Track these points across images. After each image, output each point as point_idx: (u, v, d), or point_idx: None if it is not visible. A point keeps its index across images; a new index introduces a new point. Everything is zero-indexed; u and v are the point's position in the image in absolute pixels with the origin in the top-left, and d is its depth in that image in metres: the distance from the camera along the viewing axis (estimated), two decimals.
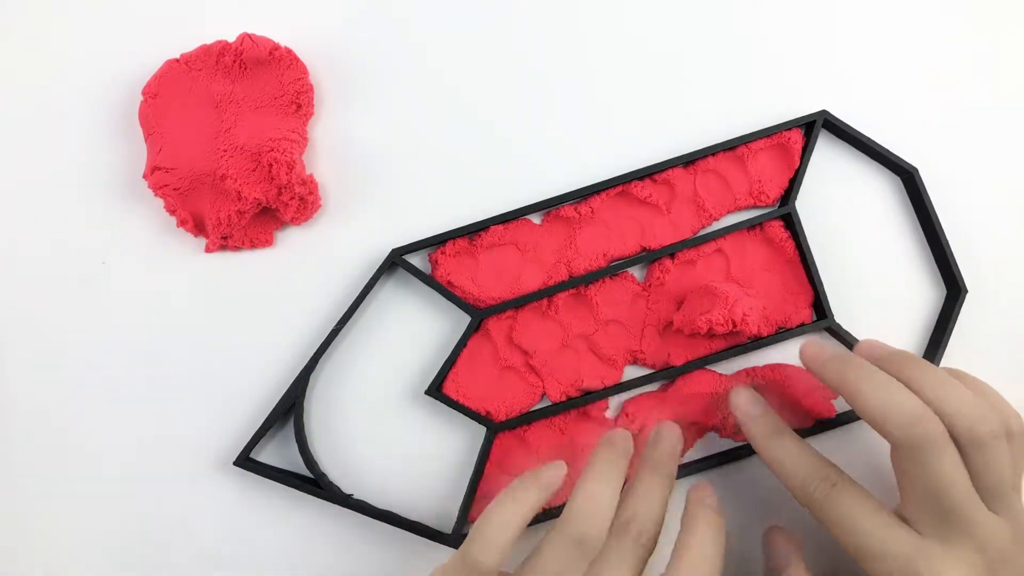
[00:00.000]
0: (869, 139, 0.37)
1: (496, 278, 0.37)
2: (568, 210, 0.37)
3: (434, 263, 0.37)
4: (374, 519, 0.35)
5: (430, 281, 0.36)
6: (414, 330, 0.37)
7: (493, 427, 0.36)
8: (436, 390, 0.36)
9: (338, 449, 0.37)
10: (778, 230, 0.37)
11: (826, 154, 0.38)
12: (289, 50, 0.37)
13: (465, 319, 0.37)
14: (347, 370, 0.37)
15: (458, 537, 0.35)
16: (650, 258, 0.37)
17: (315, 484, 0.36)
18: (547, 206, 0.37)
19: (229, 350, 0.37)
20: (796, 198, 0.37)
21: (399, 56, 0.39)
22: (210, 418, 0.37)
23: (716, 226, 0.38)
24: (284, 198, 0.36)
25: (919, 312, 0.38)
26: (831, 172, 0.38)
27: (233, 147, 0.36)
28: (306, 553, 0.37)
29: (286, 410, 0.36)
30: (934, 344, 0.37)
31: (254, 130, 0.36)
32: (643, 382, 0.36)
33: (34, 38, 0.39)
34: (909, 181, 0.38)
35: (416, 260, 0.37)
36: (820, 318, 0.37)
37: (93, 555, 0.37)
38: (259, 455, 0.37)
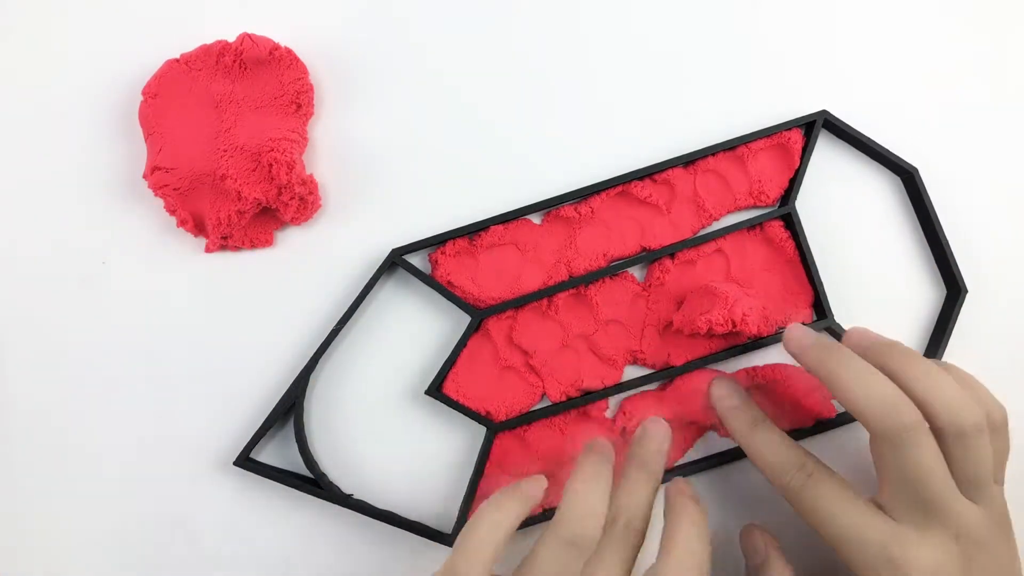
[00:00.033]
0: (869, 139, 0.37)
1: (496, 278, 0.37)
2: (568, 210, 0.37)
3: (434, 263, 0.37)
4: (374, 519, 0.35)
5: (430, 281, 0.36)
6: (414, 330, 0.37)
7: (493, 427, 0.36)
8: (436, 390, 0.36)
9: (338, 449, 0.37)
10: (778, 230, 0.37)
11: (826, 154, 0.38)
12: (289, 50, 0.37)
13: (465, 319, 0.37)
14: (347, 370, 0.37)
15: None
16: (650, 258, 0.37)
17: (315, 484, 0.36)
18: (547, 206, 0.37)
19: (229, 350, 0.37)
20: (796, 198, 0.37)
21: (399, 56, 0.39)
22: (210, 418, 0.37)
23: (716, 226, 0.38)
24: (284, 198, 0.36)
25: (919, 312, 0.38)
26: (831, 172, 0.38)
27: (233, 147, 0.36)
28: (306, 553, 0.37)
29: (286, 410, 0.36)
30: (934, 344, 0.37)
31: (254, 130, 0.36)
32: (643, 382, 0.36)
33: (34, 38, 0.39)
34: (909, 181, 0.38)
35: (416, 260, 0.37)
36: (820, 318, 0.37)
37: (93, 555, 0.37)
38: (259, 455, 0.37)
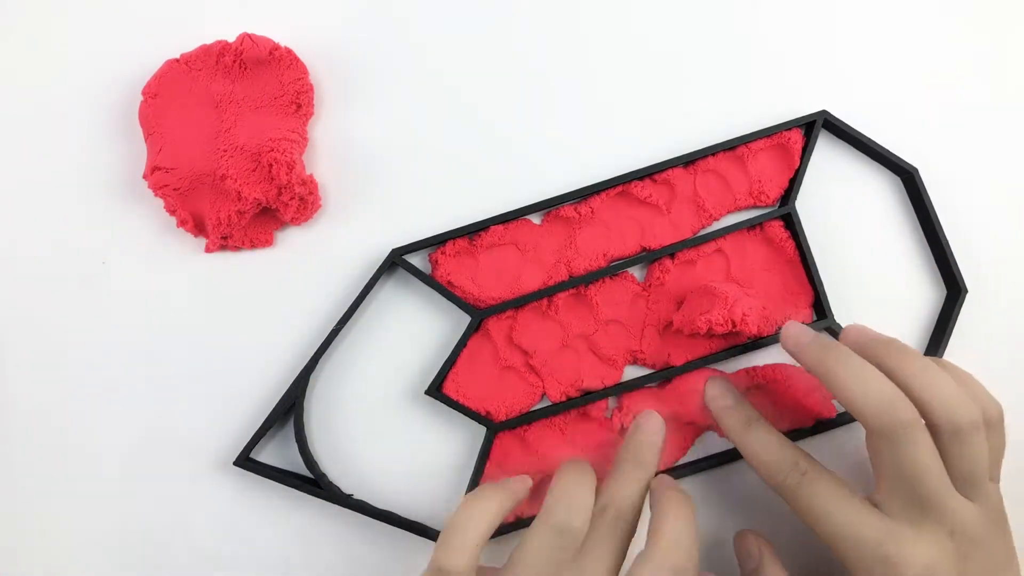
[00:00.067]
0: (869, 139, 0.37)
1: (496, 278, 0.37)
2: (568, 210, 0.37)
3: (434, 263, 0.37)
4: (374, 519, 0.35)
5: (430, 281, 0.36)
6: (414, 330, 0.37)
7: (493, 427, 0.36)
8: (436, 390, 0.36)
9: (338, 449, 0.37)
10: (778, 230, 0.37)
11: (826, 154, 0.38)
12: (289, 50, 0.37)
13: (465, 319, 0.37)
14: (347, 370, 0.37)
15: None
16: (650, 258, 0.37)
17: (315, 484, 0.36)
18: (547, 206, 0.37)
19: (229, 350, 0.37)
20: (796, 198, 0.37)
21: (399, 56, 0.39)
22: (210, 418, 0.37)
23: (716, 226, 0.38)
24: (284, 198, 0.36)
25: (919, 312, 0.38)
26: (831, 172, 0.38)
27: (233, 147, 0.36)
28: (306, 553, 0.37)
29: (286, 410, 0.36)
30: (934, 344, 0.37)
31: (254, 130, 0.36)
32: (643, 382, 0.36)
33: (34, 38, 0.39)
34: (909, 181, 0.38)
35: (416, 260, 0.37)
36: (820, 318, 0.37)
37: (93, 555, 0.37)
38: (259, 455, 0.37)
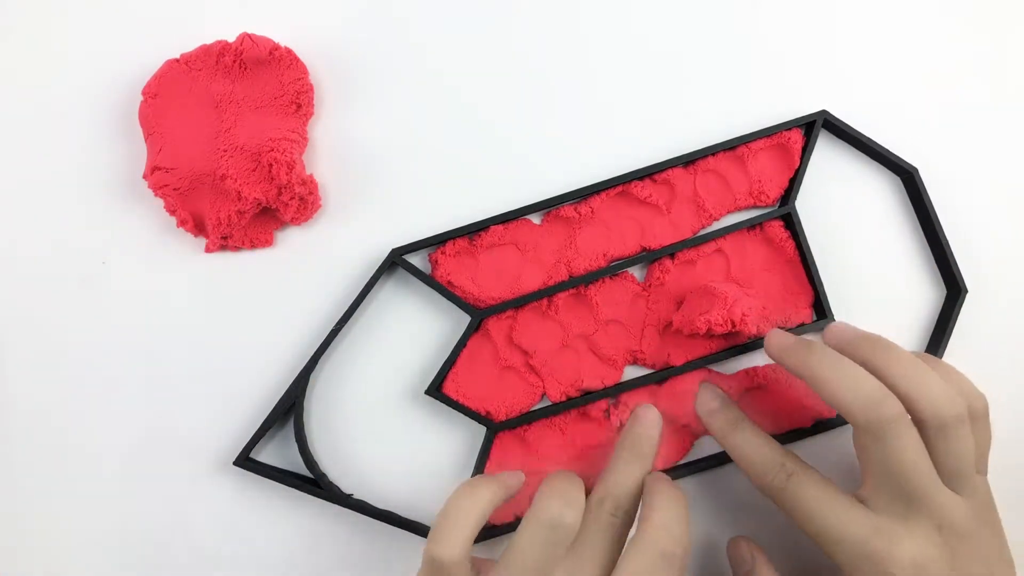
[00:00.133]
0: (869, 139, 0.37)
1: (496, 278, 0.37)
2: (568, 210, 0.37)
3: (434, 263, 0.37)
4: (374, 519, 0.35)
5: (430, 281, 0.36)
6: (414, 330, 0.37)
7: (493, 427, 0.36)
8: (436, 390, 0.36)
9: (338, 449, 0.37)
10: (778, 230, 0.37)
11: (826, 154, 0.38)
12: (289, 50, 0.37)
13: (465, 319, 0.37)
14: (347, 370, 0.37)
15: None
16: (650, 258, 0.37)
17: (315, 484, 0.36)
18: (547, 206, 0.37)
19: (229, 350, 0.37)
20: (796, 198, 0.37)
21: (399, 56, 0.39)
22: (210, 418, 0.37)
23: (716, 226, 0.38)
24: (284, 198, 0.36)
25: (919, 312, 0.38)
26: (831, 172, 0.38)
27: (233, 147, 0.36)
28: (306, 553, 0.37)
29: (286, 410, 0.36)
30: (934, 344, 0.37)
31: (254, 130, 0.36)
32: (643, 382, 0.36)
33: (34, 38, 0.39)
34: (909, 181, 0.38)
35: (416, 260, 0.37)
36: (820, 318, 0.37)
37: (93, 555, 0.37)
38: (259, 455, 0.37)
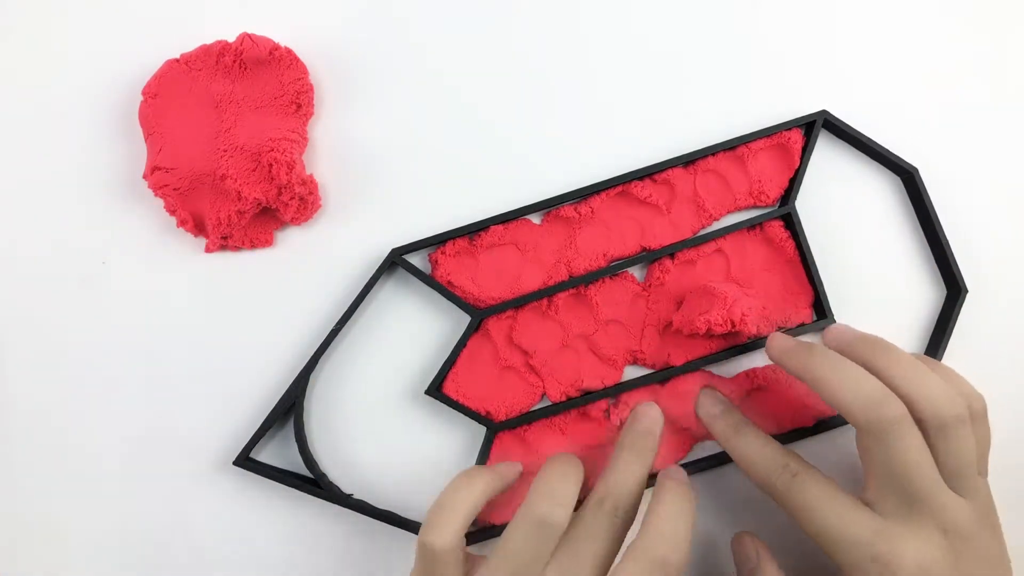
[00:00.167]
0: (869, 139, 0.37)
1: (496, 278, 0.37)
2: (568, 210, 0.37)
3: (434, 263, 0.37)
4: (374, 519, 0.35)
5: (430, 281, 0.36)
6: (414, 330, 0.37)
7: (493, 427, 0.36)
8: (436, 390, 0.36)
9: (338, 449, 0.37)
10: (778, 230, 0.37)
11: (826, 154, 0.38)
12: (289, 50, 0.37)
13: (465, 319, 0.37)
14: (347, 370, 0.37)
15: None
16: (650, 258, 0.37)
17: (315, 484, 0.36)
18: (547, 206, 0.37)
19: (229, 350, 0.37)
20: (796, 198, 0.37)
21: (399, 56, 0.39)
22: (210, 418, 0.37)
23: (716, 226, 0.38)
24: (284, 198, 0.36)
25: (919, 312, 0.38)
26: (831, 172, 0.38)
27: (233, 147, 0.36)
28: (306, 553, 0.37)
29: (286, 410, 0.36)
30: (934, 344, 0.37)
31: (254, 130, 0.36)
32: (643, 382, 0.36)
33: (34, 38, 0.39)
34: (909, 181, 0.38)
35: (416, 260, 0.37)
36: (820, 318, 0.37)
37: (93, 555, 0.37)
38: (259, 455, 0.37)
